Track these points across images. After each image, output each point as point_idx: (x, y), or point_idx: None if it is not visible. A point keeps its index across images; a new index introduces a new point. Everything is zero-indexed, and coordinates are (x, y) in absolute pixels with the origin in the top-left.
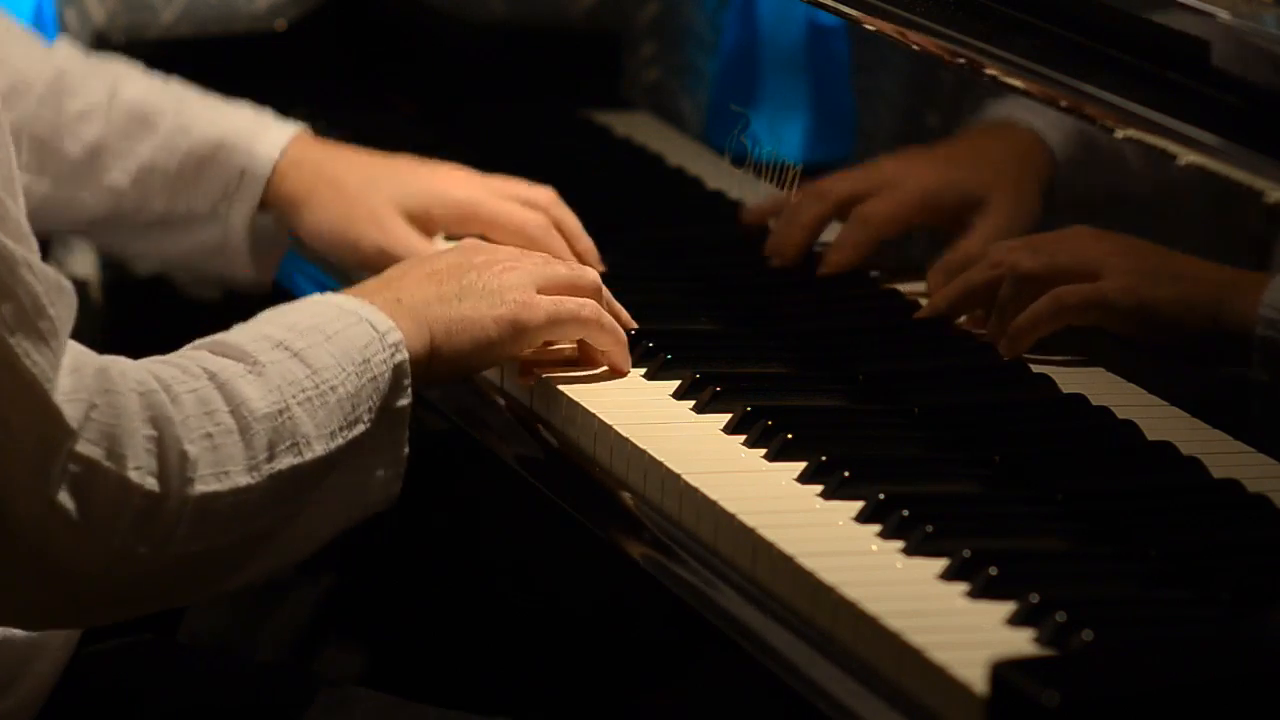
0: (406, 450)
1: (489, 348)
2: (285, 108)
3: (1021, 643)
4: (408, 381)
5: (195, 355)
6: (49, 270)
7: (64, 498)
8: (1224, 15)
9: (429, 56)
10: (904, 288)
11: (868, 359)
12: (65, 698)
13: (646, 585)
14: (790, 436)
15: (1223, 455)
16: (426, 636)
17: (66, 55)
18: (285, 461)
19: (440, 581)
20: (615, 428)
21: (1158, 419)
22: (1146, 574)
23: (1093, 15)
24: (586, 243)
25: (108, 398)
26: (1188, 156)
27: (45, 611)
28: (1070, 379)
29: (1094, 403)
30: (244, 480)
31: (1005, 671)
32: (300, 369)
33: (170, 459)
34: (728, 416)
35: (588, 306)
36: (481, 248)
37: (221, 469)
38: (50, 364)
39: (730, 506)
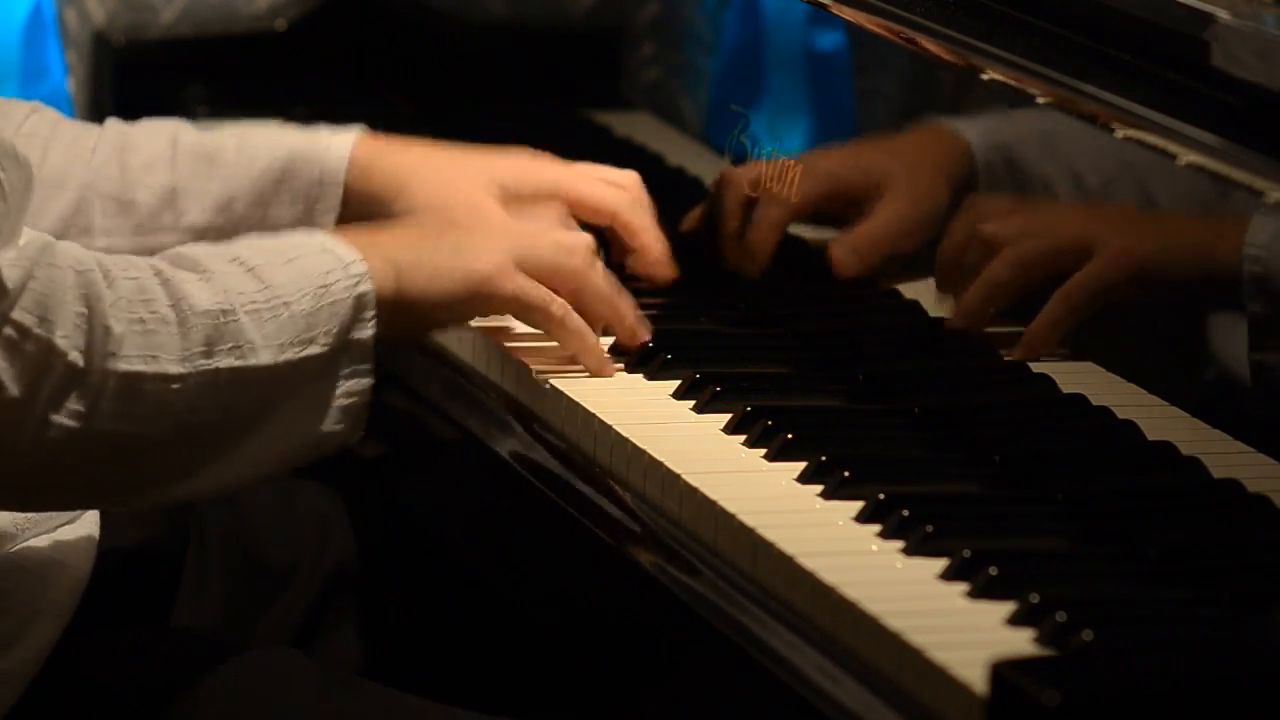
0: (369, 384)
1: (451, 303)
2: (285, 108)
3: (1021, 643)
4: (371, 314)
5: (152, 259)
6: (5, 138)
7: None
8: (1224, 15)
9: (429, 56)
10: (904, 288)
11: (868, 359)
12: (55, 683)
13: (646, 585)
14: (790, 436)
15: (1223, 455)
16: (425, 635)
17: (118, 123)
18: (225, 361)
19: (439, 580)
20: (615, 428)
21: (1158, 419)
22: (1146, 574)
23: (1093, 15)
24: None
25: (47, 270)
26: (1188, 156)
27: None
28: (1070, 379)
29: (1094, 403)
30: (174, 369)
31: (1005, 671)
32: (252, 283)
33: (96, 333)
34: (728, 416)
35: (556, 304)
36: (478, 211)
37: (150, 353)
38: None
39: (730, 506)
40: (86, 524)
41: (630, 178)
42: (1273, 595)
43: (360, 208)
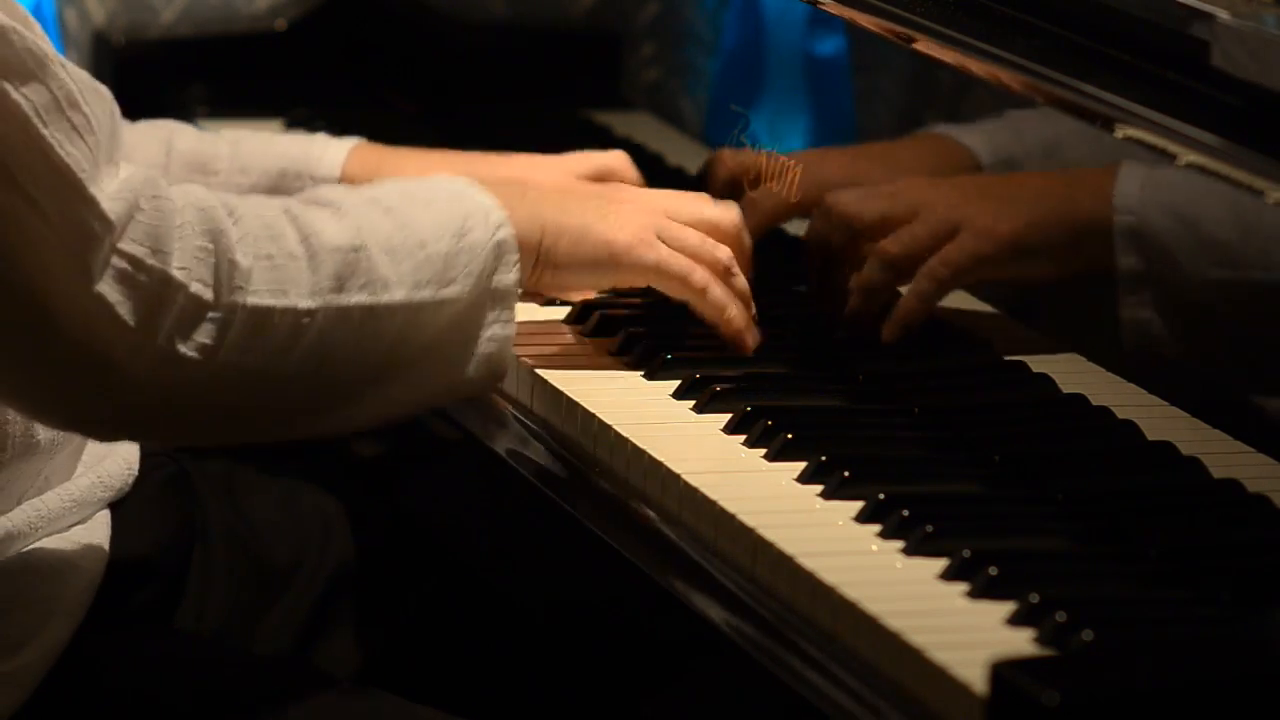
0: (512, 331)
1: (593, 266)
2: (285, 108)
3: (1021, 643)
4: (514, 258)
5: (282, 199)
6: (83, 72)
7: (107, 290)
8: (1224, 15)
9: (429, 56)
10: (904, 288)
11: (868, 359)
12: (66, 683)
13: (646, 585)
14: (790, 436)
15: (1223, 455)
16: (426, 636)
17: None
18: (356, 298)
19: (440, 581)
20: (615, 428)
21: (1158, 419)
22: (1146, 574)
23: (1093, 15)
24: None
25: (155, 202)
26: (1188, 156)
27: (98, 416)
28: (1070, 379)
29: (1094, 403)
30: (305, 303)
31: (1005, 671)
32: (389, 222)
33: (222, 267)
34: (728, 416)
35: (698, 273)
36: (624, 188)
37: (279, 287)
38: (86, 157)
39: (730, 506)
40: (97, 524)
41: (618, 158)
42: (1273, 595)
43: None
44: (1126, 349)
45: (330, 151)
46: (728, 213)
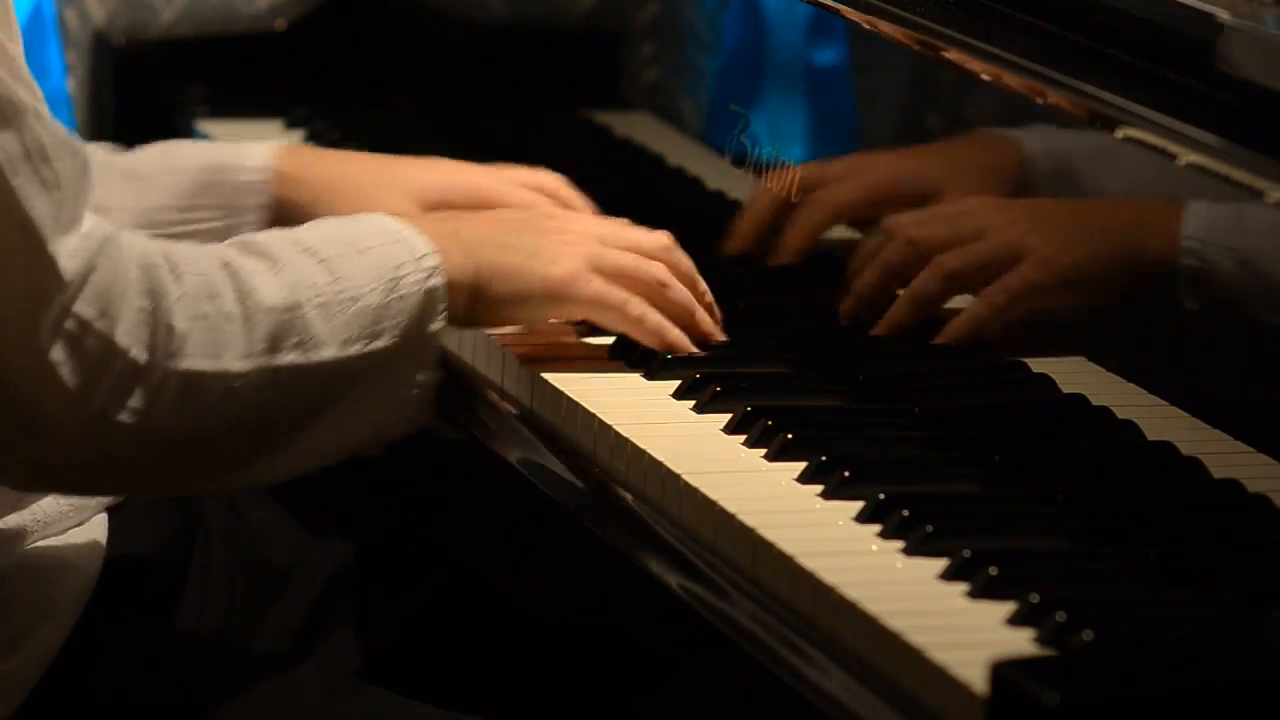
0: (435, 376)
1: (527, 303)
2: (285, 108)
3: (1021, 643)
4: (443, 307)
5: (219, 248)
6: (60, 128)
7: (54, 350)
8: (1224, 15)
9: (429, 56)
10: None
11: (868, 359)
12: (63, 681)
13: (646, 585)
14: (790, 436)
15: (1223, 455)
16: (425, 635)
17: None
18: (288, 358)
19: (439, 580)
20: (615, 428)
21: (1158, 419)
22: (1146, 574)
23: (1093, 15)
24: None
25: (110, 262)
26: (1188, 156)
27: (30, 470)
28: (1070, 379)
29: (1094, 403)
30: (237, 366)
31: (1005, 671)
32: (322, 274)
33: (159, 330)
34: (728, 416)
35: (632, 303)
36: (557, 214)
37: (213, 351)
38: (51, 213)
39: (730, 506)
40: (95, 526)
41: (551, 178)
42: (1273, 595)
43: (281, 219)
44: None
45: (258, 151)
46: (657, 238)
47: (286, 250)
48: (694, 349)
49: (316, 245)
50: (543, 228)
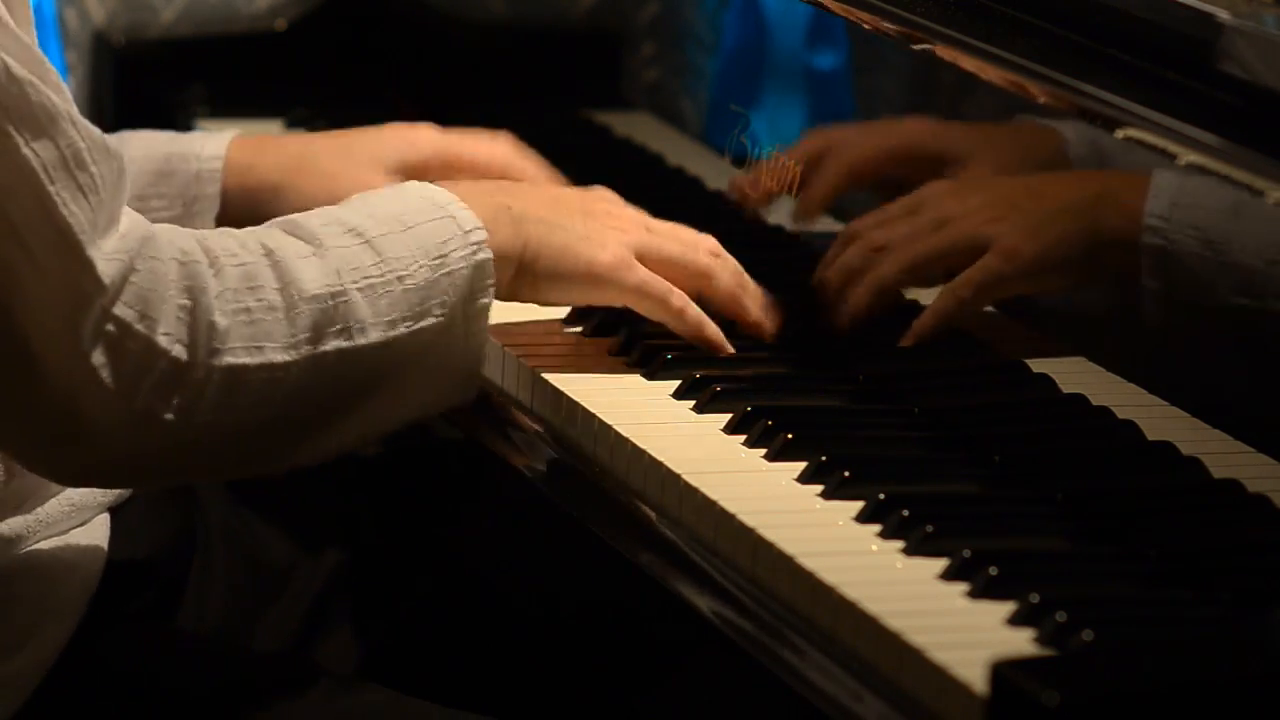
0: (484, 350)
1: (570, 285)
2: (285, 108)
3: (1021, 643)
4: (490, 281)
5: (264, 231)
6: (95, 130)
7: (95, 354)
8: (1224, 15)
9: (429, 56)
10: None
11: (868, 359)
12: (66, 681)
13: (646, 585)
14: (790, 436)
15: (1223, 455)
16: (425, 635)
17: None
18: (332, 344)
19: (440, 580)
20: (615, 428)
21: (1158, 419)
22: (1146, 574)
23: (1093, 15)
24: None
25: (149, 263)
26: (1188, 156)
27: (71, 466)
28: (1070, 379)
29: (1094, 403)
30: (280, 358)
31: (1005, 671)
32: (368, 255)
33: (200, 328)
34: (728, 416)
35: (675, 295)
36: (609, 198)
37: (256, 343)
38: (88, 217)
39: (730, 506)
40: (96, 527)
41: (502, 136)
42: (1273, 595)
43: (241, 207)
44: (1254, 389)
45: (212, 141)
46: (706, 238)
47: (331, 232)
48: (730, 349)
49: (362, 225)
50: (593, 211)
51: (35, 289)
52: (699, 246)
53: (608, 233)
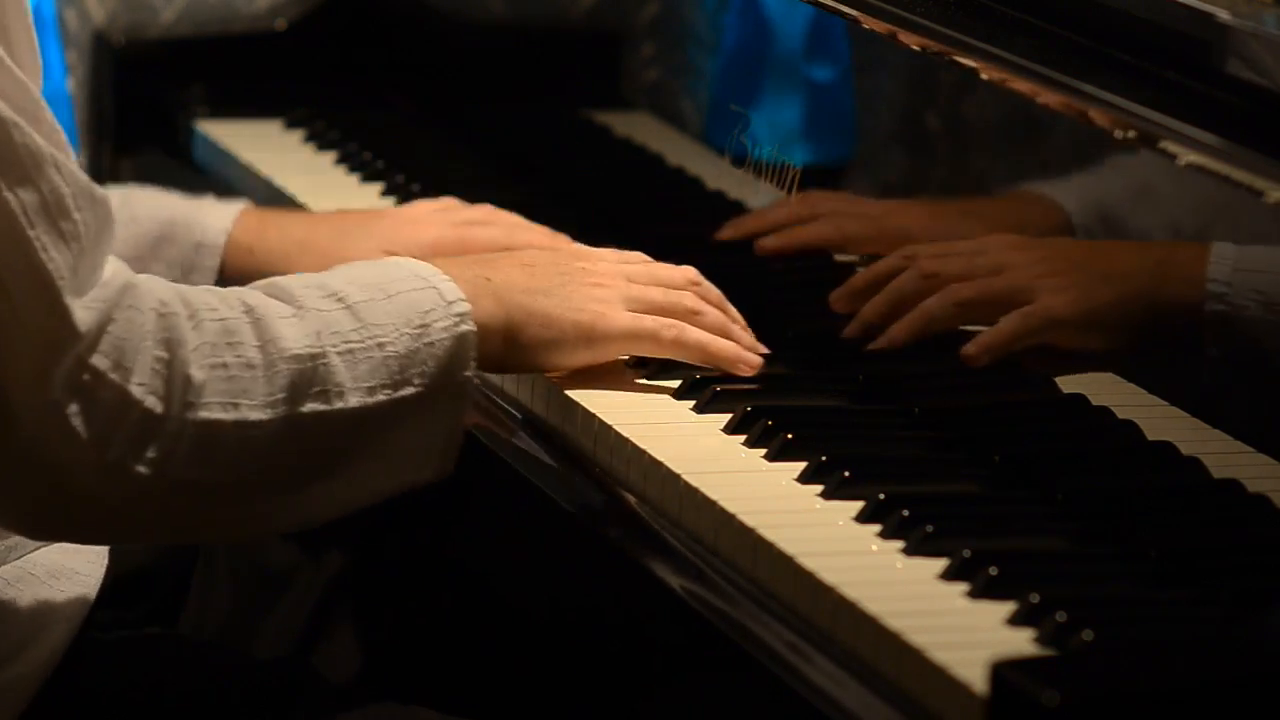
0: (464, 424)
1: (561, 348)
2: (285, 108)
3: (1021, 643)
4: (473, 355)
5: (244, 291)
6: (82, 176)
7: (68, 402)
8: (1224, 15)
9: (429, 56)
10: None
11: (868, 359)
12: (66, 688)
13: (646, 585)
14: (790, 436)
15: (1223, 455)
16: (426, 636)
17: None
18: (309, 406)
19: (440, 581)
20: (615, 428)
21: (1158, 419)
22: (1146, 574)
23: (1093, 15)
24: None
25: (127, 313)
26: (1188, 156)
27: (42, 518)
28: (1070, 379)
29: (1094, 403)
30: (255, 416)
31: (1005, 671)
32: (349, 320)
33: (175, 380)
34: (728, 416)
35: (668, 329)
36: (580, 254)
37: (232, 400)
38: (68, 264)
39: (730, 506)
40: None
41: (505, 216)
42: (1273, 595)
43: (242, 278)
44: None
45: (219, 211)
46: (684, 272)
47: (312, 295)
48: (746, 357)
49: (343, 290)
50: (570, 271)
51: (10, 334)
52: (681, 285)
53: (589, 289)
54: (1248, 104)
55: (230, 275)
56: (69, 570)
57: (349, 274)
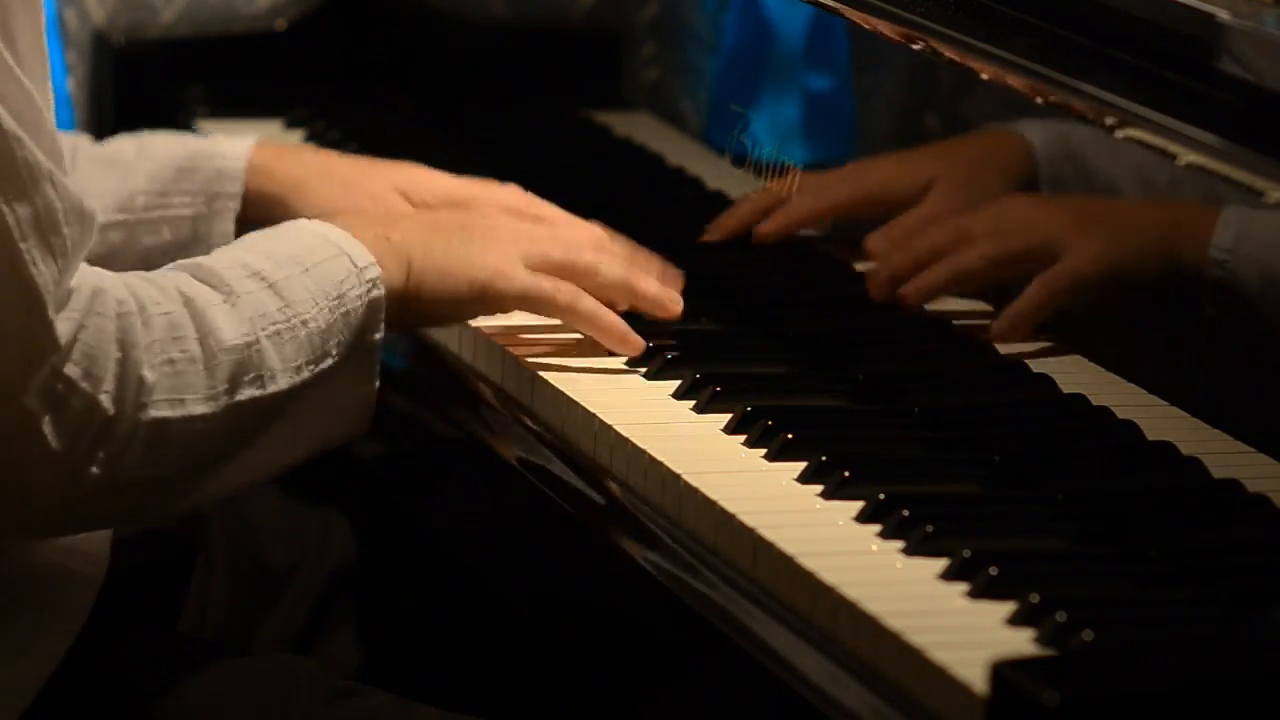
0: (376, 385)
1: (458, 304)
2: (285, 108)
3: (1021, 643)
4: (382, 317)
5: (175, 277)
6: (73, 192)
7: (42, 412)
8: (1224, 15)
9: (429, 56)
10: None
11: (868, 359)
12: (66, 688)
13: (646, 585)
14: (790, 436)
15: (1223, 455)
16: (426, 635)
17: None
18: (246, 393)
19: (440, 582)
20: (615, 428)
21: (1158, 419)
22: (1146, 574)
23: (1093, 15)
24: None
25: (95, 320)
26: (1188, 156)
27: (2, 521)
28: (1070, 379)
29: (1094, 403)
30: (200, 409)
31: (1005, 671)
32: (273, 301)
33: (129, 381)
34: (728, 416)
35: (564, 291)
36: (488, 213)
37: (178, 396)
38: (54, 278)
39: (730, 506)
40: (101, 533)
41: (511, 190)
42: (1273, 595)
43: (259, 208)
44: (1254, 389)
45: (236, 142)
46: (588, 229)
47: (238, 277)
48: (631, 339)
49: (265, 269)
50: (470, 227)
51: None
52: (581, 244)
53: (487, 245)
54: (1247, 104)
55: (251, 199)
56: (70, 571)
57: (265, 247)
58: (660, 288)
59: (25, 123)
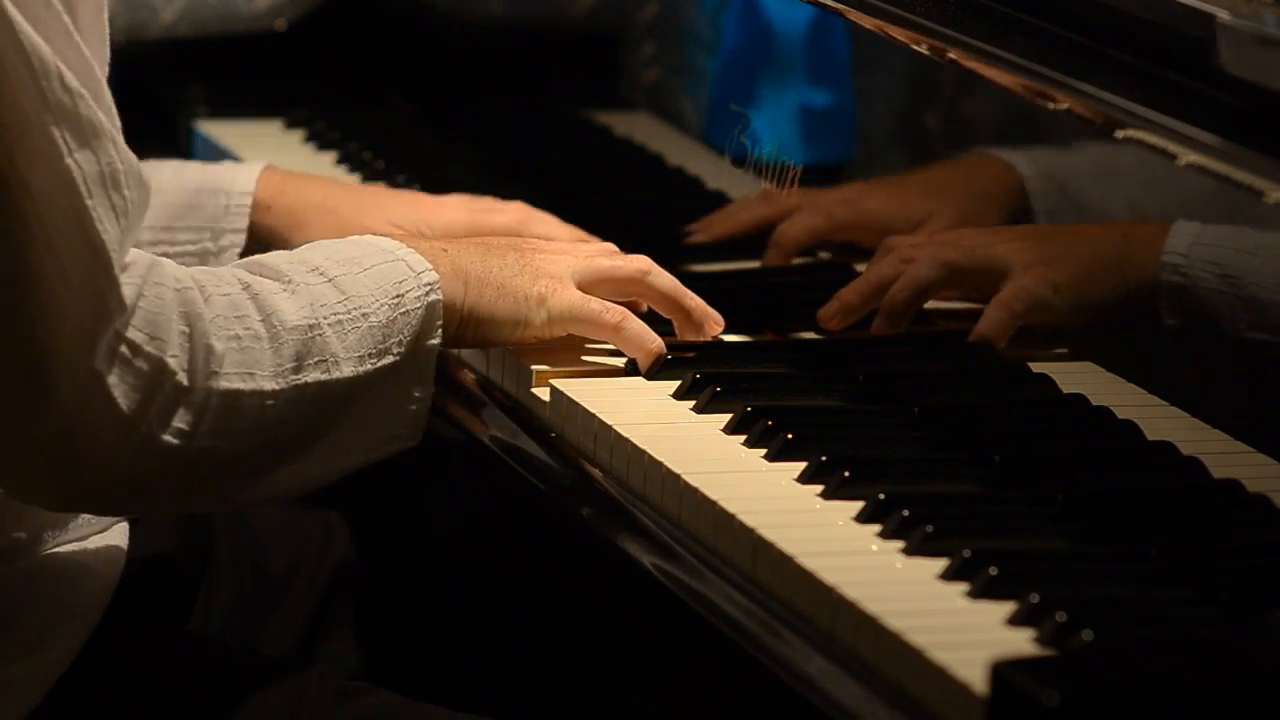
0: (432, 391)
1: (514, 323)
2: (285, 108)
3: (1021, 643)
4: (440, 322)
5: (233, 270)
6: (133, 157)
7: (106, 370)
8: (1224, 15)
9: (429, 56)
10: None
11: (868, 359)
12: (77, 686)
13: (647, 585)
14: (790, 436)
15: (1223, 455)
16: (427, 635)
17: None
18: (312, 376)
19: (440, 582)
20: (615, 428)
21: (1158, 419)
22: (1146, 574)
23: (1093, 15)
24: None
25: (155, 289)
26: (1188, 156)
27: (65, 488)
28: (1070, 379)
29: (1094, 403)
30: (269, 385)
31: (1005, 671)
32: (334, 293)
33: (198, 352)
34: (728, 416)
35: (610, 312)
36: (539, 230)
37: (247, 370)
38: (118, 239)
39: (730, 506)
40: (116, 533)
41: (515, 207)
42: (1273, 595)
43: (264, 237)
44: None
45: (242, 169)
46: (636, 262)
47: (296, 270)
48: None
49: (323, 265)
50: (522, 248)
51: (60, 301)
52: (629, 257)
53: (539, 264)
54: (1248, 104)
55: (256, 233)
56: (87, 569)
57: (324, 250)
58: (705, 305)
59: (87, 88)
